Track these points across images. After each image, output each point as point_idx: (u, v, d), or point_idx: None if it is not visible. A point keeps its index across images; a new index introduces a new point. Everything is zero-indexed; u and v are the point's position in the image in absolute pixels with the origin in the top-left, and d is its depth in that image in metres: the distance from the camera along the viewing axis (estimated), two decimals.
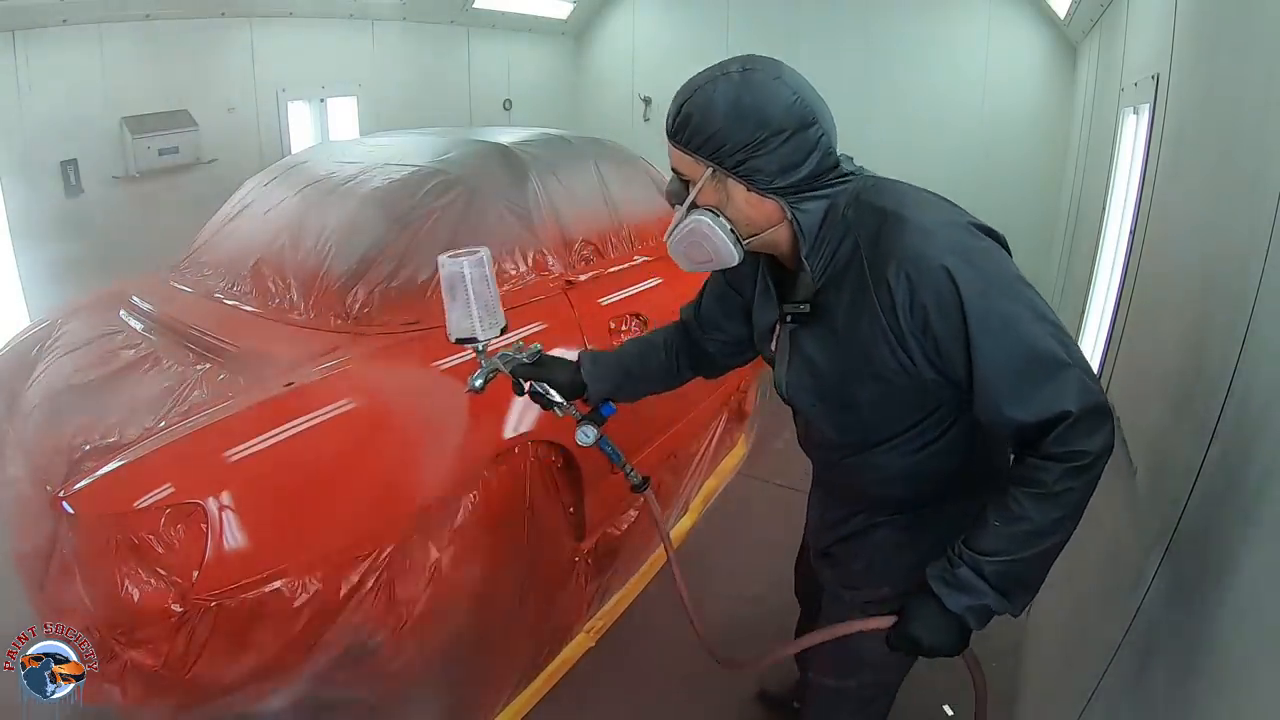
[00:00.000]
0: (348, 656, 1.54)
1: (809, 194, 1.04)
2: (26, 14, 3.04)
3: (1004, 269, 0.98)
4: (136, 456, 1.40)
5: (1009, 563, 0.99)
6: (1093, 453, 0.94)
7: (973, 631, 1.05)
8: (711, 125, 1.00)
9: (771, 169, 1.01)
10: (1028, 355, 0.94)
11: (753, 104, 0.99)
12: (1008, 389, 0.95)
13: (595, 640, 2.23)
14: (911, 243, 0.97)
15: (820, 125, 1.03)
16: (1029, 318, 0.95)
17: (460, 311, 1.28)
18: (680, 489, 2.72)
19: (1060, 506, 0.96)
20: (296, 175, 2.36)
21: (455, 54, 5.20)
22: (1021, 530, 0.97)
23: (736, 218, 1.06)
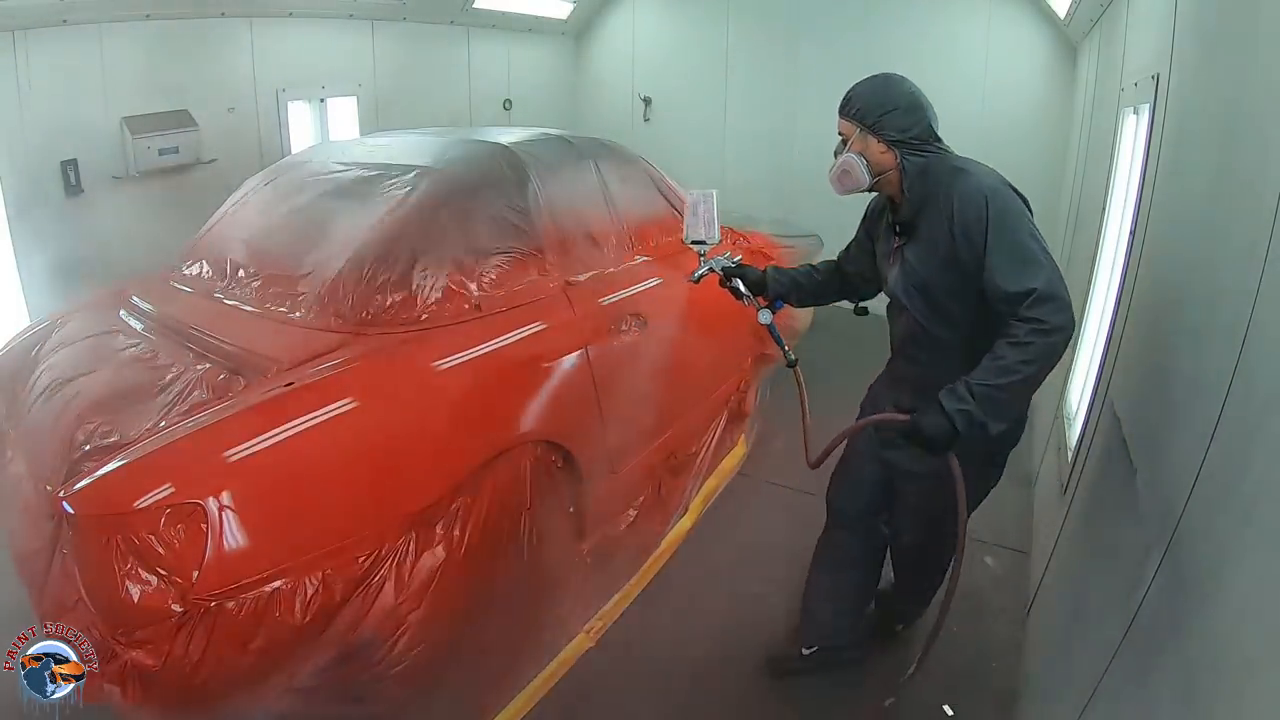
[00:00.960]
0: (347, 656, 1.55)
1: (914, 151, 1.65)
2: (26, 14, 3.04)
3: (1018, 209, 1.54)
4: (136, 456, 1.40)
5: (988, 386, 1.45)
6: (1050, 323, 1.41)
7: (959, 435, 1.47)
8: (861, 101, 1.67)
9: (892, 128, 1.64)
10: (1017, 252, 1.48)
11: (885, 89, 1.67)
12: (1002, 268, 1.48)
13: (595, 640, 2.23)
14: (967, 184, 1.56)
15: (924, 110, 1.67)
16: (1025, 235, 1.49)
17: (695, 223, 1.94)
18: (680, 489, 2.72)
19: (1026, 353, 1.43)
20: (296, 175, 2.36)
21: (455, 54, 5.20)
22: (998, 365, 1.45)
23: (870, 159, 1.67)
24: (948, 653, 2.23)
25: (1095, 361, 2.28)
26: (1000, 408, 1.46)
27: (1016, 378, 1.43)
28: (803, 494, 3.18)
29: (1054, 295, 1.42)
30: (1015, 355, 1.43)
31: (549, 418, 1.92)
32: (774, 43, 5.33)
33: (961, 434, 1.46)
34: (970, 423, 1.45)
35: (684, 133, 5.66)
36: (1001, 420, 1.47)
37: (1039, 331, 1.42)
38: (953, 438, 1.48)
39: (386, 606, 1.55)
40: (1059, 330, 1.42)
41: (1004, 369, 1.44)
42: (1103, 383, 2.02)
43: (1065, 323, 1.42)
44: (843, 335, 2.64)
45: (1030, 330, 1.42)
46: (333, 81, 4.42)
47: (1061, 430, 2.64)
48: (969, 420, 1.45)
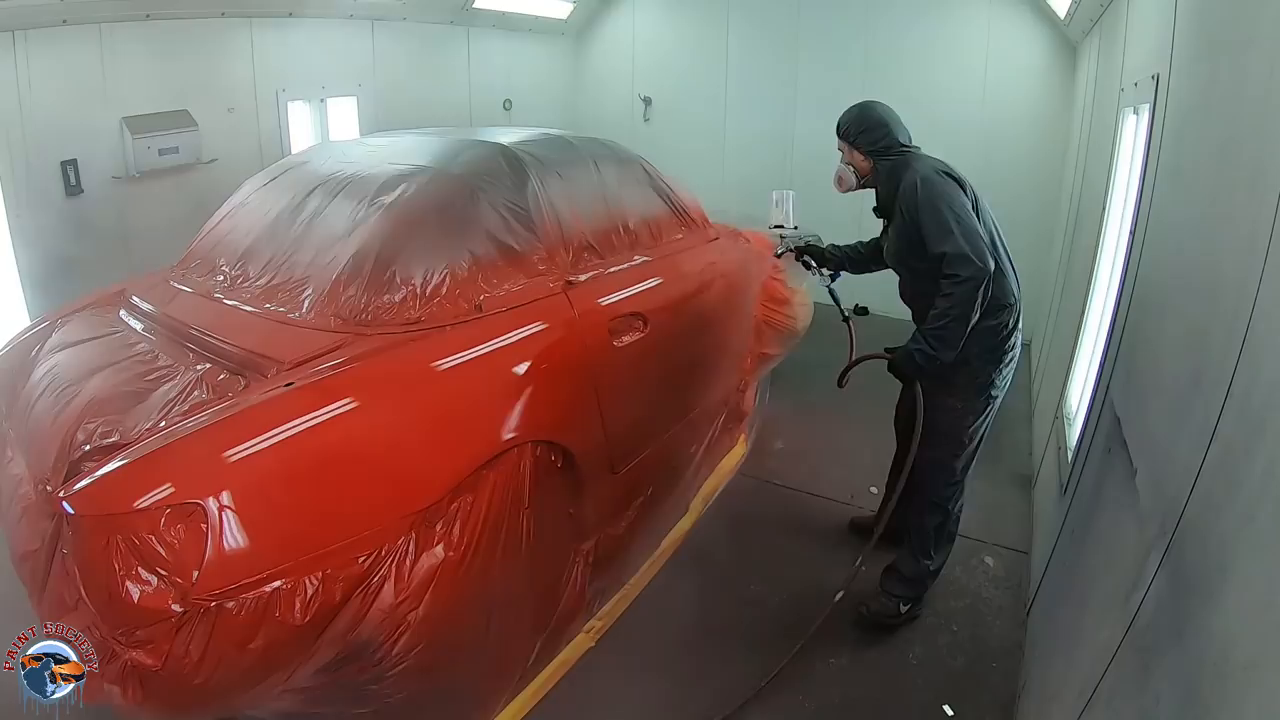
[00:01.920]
0: (347, 656, 1.54)
1: (883, 157, 2.26)
2: (26, 14, 3.04)
3: (942, 190, 2.06)
4: (136, 456, 1.40)
5: (929, 328, 2.05)
6: (960, 275, 1.95)
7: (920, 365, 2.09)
8: (846, 124, 2.32)
9: (865, 143, 2.27)
10: (936, 223, 2.02)
11: (860, 114, 2.30)
12: (929, 236, 2.03)
13: (595, 640, 2.23)
14: (910, 176, 2.12)
15: (888, 125, 2.26)
16: (944, 210, 2.02)
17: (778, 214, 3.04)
18: (680, 489, 2.72)
19: (949, 301, 1.99)
20: (296, 175, 2.36)
21: (455, 54, 5.20)
22: (934, 313, 2.04)
23: (856, 167, 2.33)
24: (948, 653, 2.23)
25: (1095, 361, 2.28)
26: (943, 341, 2.03)
27: (948, 319, 2.00)
28: (803, 494, 3.19)
29: (959, 253, 1.95)
30: (943, 304, 2.00)
31: (549, 418, 1.92)
32: (774, 43, 5.33)
33: (922, 364, 2.07)
34: (924, 355, 2.06)
35: (684, 133, 5.67)
36: (948, 349, 2.03)
37: (954, 283, 1.97)
38: (916, 367, 2.10)
39: (386, 606, 1.55)
40: (969, 280, 1.95)
41: (938, 315, 2.02)
42: (1103, 383, 2.02)
43: (973, 274, 1.94)
44: (839, 331, 2.71)
45: (949, 283, 1.98)
46: (333, 81, 4.42)
47: (1061, 430, 2.64)
48: (923, 354, 2.07)
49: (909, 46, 4.86)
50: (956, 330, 1.99)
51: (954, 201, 2.02)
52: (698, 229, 2.90)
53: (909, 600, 2.33)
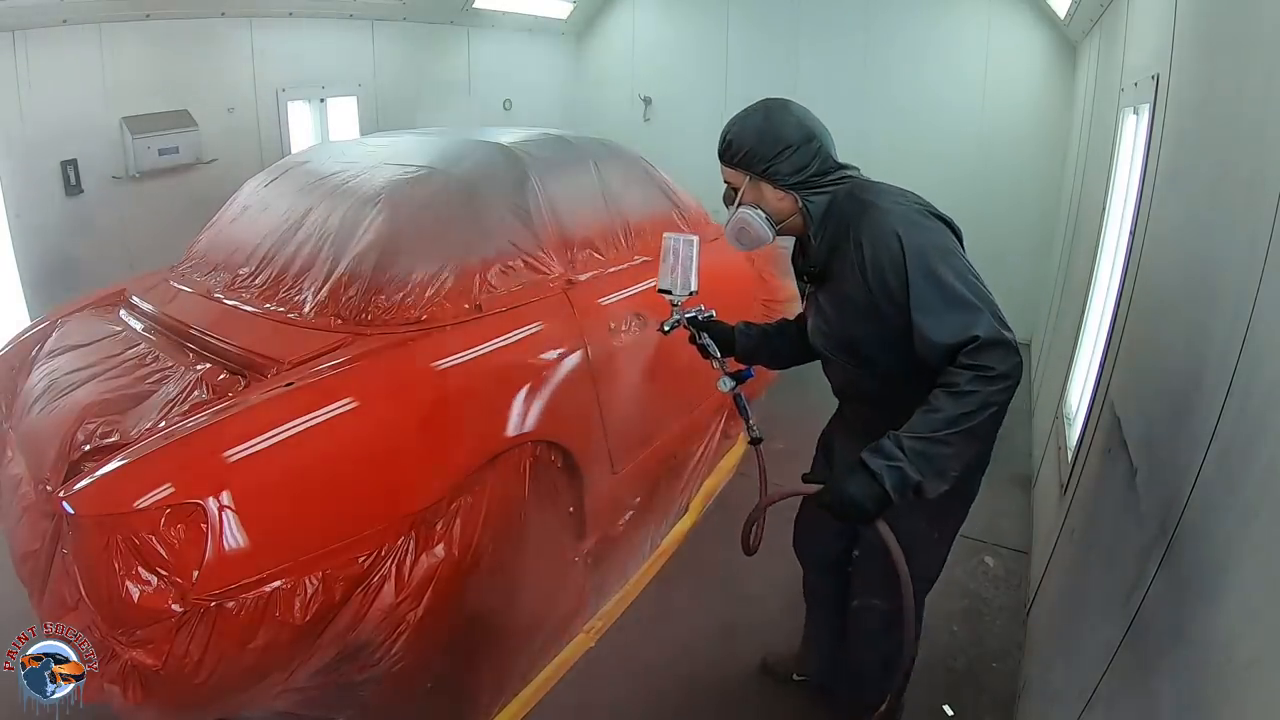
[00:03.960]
0: (347, 656, 1.55)
1: (814, 190, 1.47)
2: (26, 14, 3.04)
3: (940, 241, 1.35)
4: (136, 456, 1.40)
5: (922, 440, 1.24)
6: (997, 369, 1.24)
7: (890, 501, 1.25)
8: (745, 146, 1.46)
9: (786, 171, 1.45)
10: (947, 298, 1.29)
11: (769, 128, 1.45)
12: (932, 319, 1.29)
13: (595, 640, 2.23)
14: (877, 220, 1.37)
15: (817, 140, 1.46)
16: (953, 277, 1.30)
17: (668, 273, 1.69)
18: (680, 489, 2.72)
19: (967, 404, 1.23)
20: (296, 175, 2.36)
21: (455, 54, 5.19)
22: (935, 418, 1.24)
23: (768, 208, 1.49)
24: (948, 653, 2.23)
25: (1095, 361, 2.28)
26: (938, 464, 1.24)
27: (955, 430, 1.22)
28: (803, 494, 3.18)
29: (999, 340, 1.24)
30: (955, 406, 1.22)
31: (549, 418, 1.92)
32: (774, 43, 5.33)
33: (892, 497, 1.24)
34: (902, 481, 1.23)
35: (684, 133, 5.66)
36: (941, 478, 1.26)
37: (983, 379, 1.22)
38: (882, 502, 1.24)
39: (386, 606, 1.55)
40: (1006, 377, 1.23)
41: (941, 422, 1.23)
42: (1103, 383, 2.02)
43: (1012, 369, 1.24)
44: None
45: (974, 378, 1.23)
46: (333, 81, 4.42)
47: (1061, 430, 2.64)
48: (900, 479, 1.23)
49: (909, 46, 4.86)
50: (964, 447, 1.26)
51: (960, 259, 1.34)
52: (698, 229, 2.90)
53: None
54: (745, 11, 5.42)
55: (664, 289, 1.70)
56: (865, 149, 5.38)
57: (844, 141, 1.60)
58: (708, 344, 1.74)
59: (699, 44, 5.63)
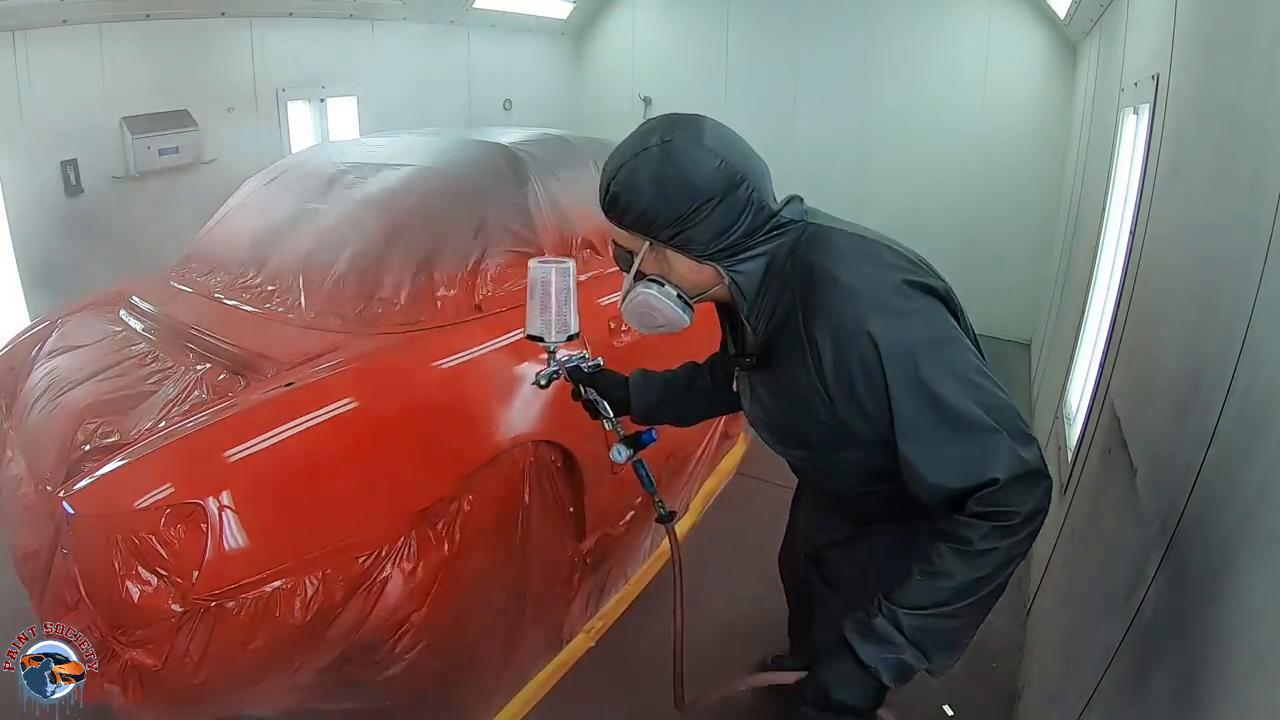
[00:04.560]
0: (347, 656, 1.54)
1: (746, 254, 1.06)
2: (26, 14, 3.04)
3: (931, 332, 0.97)
4: (136, 456, 1.40)
5: (927, 617, 0.96)
6: (1022, 513, 0.93)
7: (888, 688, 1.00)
8: (639, 203, 1.03)
9: (705, 237, 1.03)
10: (951, 423, 0.93)
11: (676, 176, 1.00)
12: (931, 456, 0.95)
13: (595, 640, 2.23)
14: (838, 304, 0.98)
15: (749, 182, 1.03)
16: (954, 385, 0.94)
17: (537, 312, 1.36)
18: (680, 489, 2.72)
19: (983, 565, 0.94)
20: (296, 175, 2.36)
21: (455, 54, 5.19)
22: (943, 586, 0.95)
23: (681, 283, 1.09)
24: None
25: (1095, 361, 2.28)
26: (947, 639, 0.98)
27: (970, 601, 0.95)
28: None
29: (1023, 475, 0.92)
30: (967, 570, 0.94)
31: (549, 418, 1.92)
32: (774, 43, 5.33)
33: (893, 685, 1.00)
34: (903, 671, 0.98)
35: None
36: (952, 652, 0.99)
37: (1004, 529, 0.92)
38: (879, 696, 1.00)
39: (387, 607, 1.55)
40: (1033, 519, 0.94)
41: (952, 591, 0.94)
42: (1103, 383, 2.02)
43: (1040, 504, 0.94)
44: None
45: (991, 530, 0.92)
46: (333, 81, 4.42)
47: (1061, 430, 2.64)
48: (900, 669, 0.98)
49: (909, 46, 4.86)
50: (979, 613, 0.99)
51: (960, 352, 0.97)
52: None
53: None
54: (745, 11, 5.42)
55: (533, 335, 1.37)
56: (865, 149, 5.40)
57: (844, 142, 1.58)
58: (596, 401, 1.40)
59: (699, 44, 5.63)
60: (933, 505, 0.98)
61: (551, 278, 1.35)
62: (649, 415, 1.43)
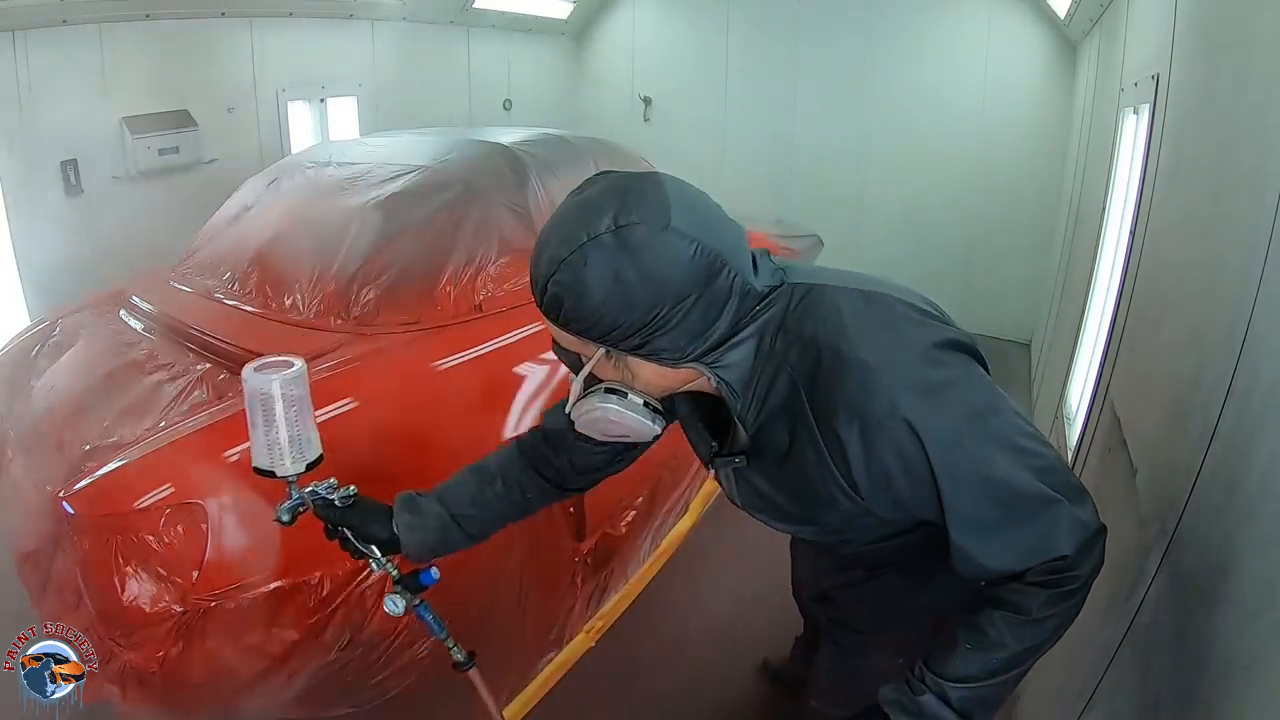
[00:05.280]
0: (347, 657, 1.54)
1: (729, 345, 0.86)
2: (26, 14, 3.03)
3: (973, 403, 0.84)
4: (136, 456, 1.40)
5: (979, 688, 0.87)
6: (1082, 576, 0.86)
7: None
8: (591, 311, 0.79)
9: (680, 343, 0.82)
10: (1009, 504, 0.83)
11: (640, 276, 0.77)
12: (990, 541, 0.85)
13: (595, 640, 2.23)
14: (861, 391, 0.81)
15: (729, 266, 0.81)
16: (1005, 457, 0.83)
17: (265, 437, 1.04)
18: (680, 489, 2.72)
19: (1040, 633, 0.87)
20: (296, 175, 2.36)
21: (455, 54, 5.19)
22: (994, 658, 0.87)
23: (648, 389, 0.89)
24: None
25: (1095, 361, 2.28)
26: (993, 703, 0.91)
27: (1022, 668, 0.89)
28: None
29: (1086, 538, 0.85)
30: (1021, 639, 0.86)
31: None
32: (774, 43, 5.33)
33: None
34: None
35: (684, 133, 5.66)
36: (993, 711, 0.93)
37: (1064, 596, 0.86)
38: None
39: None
40: (1093, 576, 0.87)
41: (1005, 661, 0.87)
42: (1103, 382, 2.02)
43: (1099, 560, 0.87)
44: None
45: (1051, 598, 0.85)
46: (333, 81, 4.42)
47: (1061, 430, 2.64)
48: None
49: (908, 46, 4.86)
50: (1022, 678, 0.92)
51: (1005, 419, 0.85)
52: None
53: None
54: (745, 11, 5.42)
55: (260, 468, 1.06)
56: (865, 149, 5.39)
57: (844, 142, 1.58)
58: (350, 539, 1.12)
59: (699, 44, 5.63)
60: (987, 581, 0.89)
61: (275, 390, 1.02)
62: (427, 554, 1.15)
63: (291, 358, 1.07)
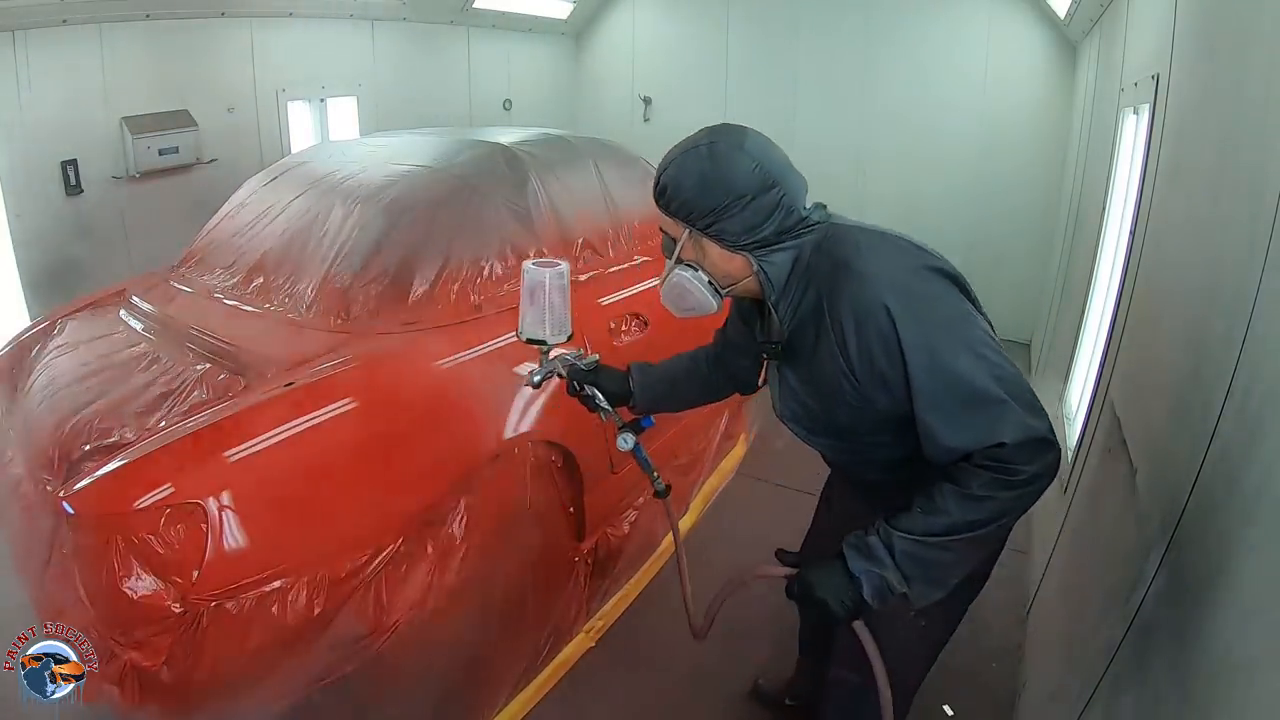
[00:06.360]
0: (347, 656, 1.54)
1: (774, 247, 1.15)
2: (26, 14, 3.04)
3: (945, 311, 1.06)
4: (136, 456, 1.40)
5: (917, 544, 1.05)
6: (1026, 472, 1.00)
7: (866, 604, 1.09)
8: (683, 194, 1.14)
9: (737, 229, 1.13)
10: (964, 392, 1.01)
11: (716, 175, 1.11)
12: (945, 422, 1.03)
13: (595, 640, 2.23)
14: (858, 288, 1.07)
15: (781, 187, 1.13)
16: (966, 357, 1.02)
17: (535, 315, 1.41)
18: (680, 489, 2.72)
19: (979, 510, 1.02)
20: (296, 175, 2.36)
21: (455, 54, 5.19)
22: (937, 521, 1.04)
23: (713, 270, 1.19)
24: (948, 653, 2.22)
25: (1095, 361, 2.28)
26: (932, 571, 1.06)
27: (960, 540, 1.03)
28: (804, 494, 3.18)
29: (1030, 441, 0.99)
30: (963, 512, 1.02)
31: (549, 418, 1.92)
32: (774, 43, 5.33)
33: (870, 604, 1.08)
34: (884, 590, 1.07)
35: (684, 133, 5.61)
36: (933, 587, 1.07)
37: (1005, 483, 1.00)
38: (855, 608, 1.09)
39: (386, 606, 1.55)
40: (1036, 480, 1.01)
41: (944, 527, 1.03)
42: (1103, 383, 2.02)
43: (1044, 469, 1.00)
44: None
45: (991, 481, 1.00)
46: (333, 81, 4.42)
47: (1061, 430, 2.64)
48: (882, 586, 1.06)
49: (908, 46, 4.86)
50: (969, 556, 1.09)
51: (972, 328, 1.05)
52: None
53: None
54: (745, 11, 5.42)
55: (532, 338, 1.42)
56: (865, 149, 5.39)
57: (844, 142, 1.60)
58: (592, 396, 1.46)
59: (699, 44, 5.63)
60: (946, 464, 1.05)
61: (546, 280, 1.39)
62: (650, 406, 1.50)
63: (558, 260, 1.44)
